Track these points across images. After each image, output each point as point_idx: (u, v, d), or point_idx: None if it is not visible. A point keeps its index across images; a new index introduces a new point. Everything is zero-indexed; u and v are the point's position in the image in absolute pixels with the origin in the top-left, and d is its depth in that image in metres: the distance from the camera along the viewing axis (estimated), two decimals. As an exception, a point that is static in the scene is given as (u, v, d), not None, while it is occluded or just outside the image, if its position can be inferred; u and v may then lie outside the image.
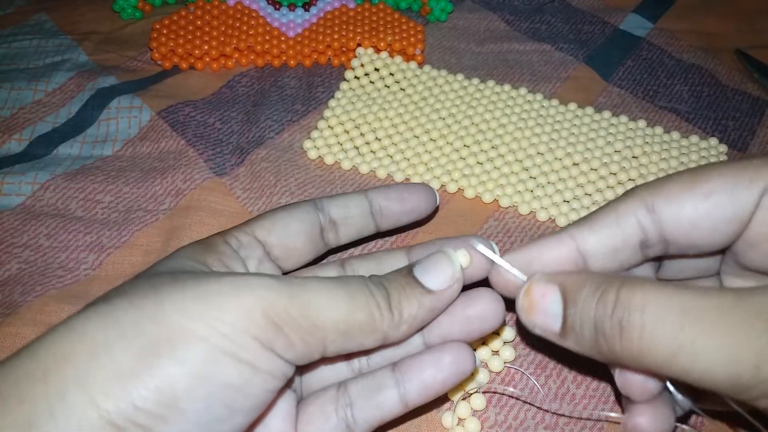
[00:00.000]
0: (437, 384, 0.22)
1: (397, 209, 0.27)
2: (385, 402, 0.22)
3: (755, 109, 0.43)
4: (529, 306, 0.19)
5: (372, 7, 0.47)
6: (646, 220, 0.19)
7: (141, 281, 0.19)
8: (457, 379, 0.22)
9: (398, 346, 0.23)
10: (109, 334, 0.17)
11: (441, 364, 0.22)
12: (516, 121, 0.40)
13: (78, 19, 0.49)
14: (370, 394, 0.22)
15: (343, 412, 0.22)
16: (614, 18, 0.50)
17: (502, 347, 0.28)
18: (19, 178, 0.36)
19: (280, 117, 0.41)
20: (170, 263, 0.21)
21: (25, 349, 0.17)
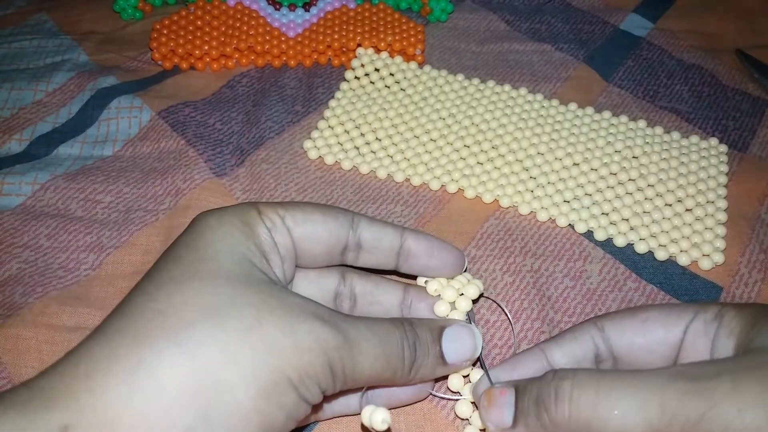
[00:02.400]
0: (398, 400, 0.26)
1: (422, 261, 0.27)
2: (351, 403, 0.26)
3: (755, 109, 0.43)
4: (489, 401, 0.23)
5: (372, 8, 0.47)
6: (598, 338, 0.24)
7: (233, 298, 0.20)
8: (415, 400, 0.27)
9: None
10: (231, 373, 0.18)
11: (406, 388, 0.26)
12: (516, 121, 0.40)
13: (78, 19, 0.49)
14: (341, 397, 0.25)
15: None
16: (614, 18, 0.50)
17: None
18: (19, 179, 0.36)
19: (281, 118, 0.41)
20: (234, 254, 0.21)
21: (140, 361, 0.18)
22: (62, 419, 0.16)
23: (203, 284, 0.20)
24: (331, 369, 0.20)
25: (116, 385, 0.17)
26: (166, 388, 0.18)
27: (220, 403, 0.18)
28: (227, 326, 0.19)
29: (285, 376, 0.19)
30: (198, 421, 0.18)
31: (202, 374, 0.18)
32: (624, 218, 0.35)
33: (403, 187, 0.37)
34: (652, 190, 0.36)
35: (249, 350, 0.19)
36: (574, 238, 0.35)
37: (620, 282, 0.32)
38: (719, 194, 0.36)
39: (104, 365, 0.18)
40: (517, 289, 0.32)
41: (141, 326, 0.19)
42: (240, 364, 0.19)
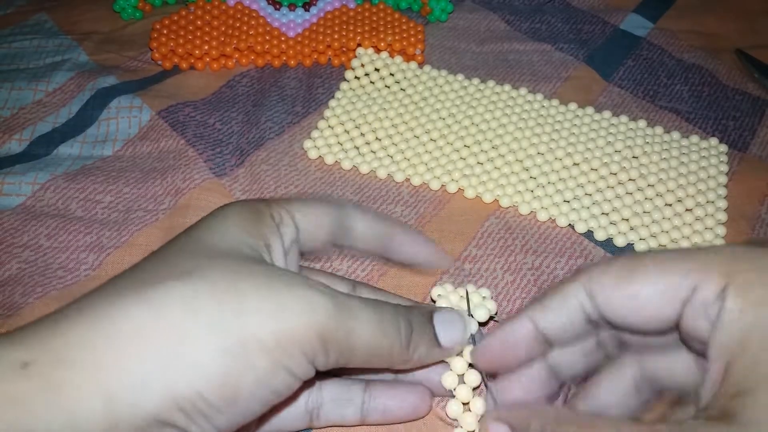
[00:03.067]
0: (394, 416, 0.26)
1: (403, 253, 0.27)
2: (348, 414, 0.25)
3: (755, 108, 0.43)
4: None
5: (372, 7, 0.47)
6: (587, 303, 0.21)
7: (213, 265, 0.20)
8: (411, 418, 0.26)
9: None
10: (193, 326, 0.18)
11: (405, 402, 0.26)
12: (516, 121, 0.40)
13: (78, 19, 0.49)
14: (339, 404, 0.25)
15: (312, 405, 0.25)
16: (614, 18, 0.50)
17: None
18: (19, 178, 0.36)
19: (281, 119, 0.41)
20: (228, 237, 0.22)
21: (105, 311, 0.18)
22: (24, 356, 0.17)
23: (187, 255, 0.20)
24: (321, 337, 0.19)
25: (77, 329, 0.18)
26: (124, 335, 0.18)
27: (178, 354, 0.18)
28: (198, 286, 0.19)
29: (256, 338, 0.18)
30: (152, 369, 0.17)
31: (162, 325, 0.18)
32: (624, 218, 0.35)
33: (403, 187, 0.37)
34: (652, 190, 0.36)
35: (217, 307, 0.18)
36: (575, 237, 0.35)
37: (620, 282, 0.32)
38: (719, 194, 0.36)
39: (73, 314, 0.18)
40: (518, 288, 0.32)
41: (114, 285, 0.19)
42: (205, 319, 0.18)
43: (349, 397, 0.25)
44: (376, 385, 0.26)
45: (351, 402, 0.25)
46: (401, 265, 0.28)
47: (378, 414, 0.25)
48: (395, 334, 0.22)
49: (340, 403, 0.25)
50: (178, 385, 0.18)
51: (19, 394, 0.16)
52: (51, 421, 0.16)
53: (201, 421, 0.18)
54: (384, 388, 0.26)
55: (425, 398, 0.26)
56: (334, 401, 0.25)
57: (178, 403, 0.17)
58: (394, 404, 0.25)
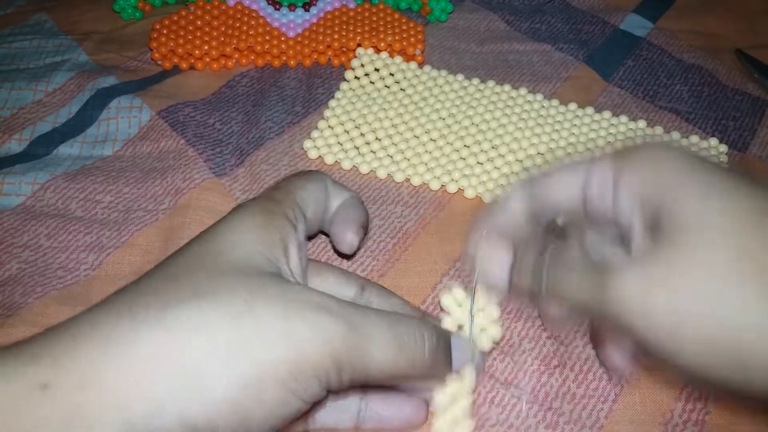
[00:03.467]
0: (390, 426, 0.26)
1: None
2: (342, 420, 0.25)
3: (755, 109, 0.43)
4: None
5: (372, 7, 0.47)
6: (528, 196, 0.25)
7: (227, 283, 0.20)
8: (407, 428, 0.26)
9: None
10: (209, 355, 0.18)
11: (400, 413, 0.25)
12: (516, 121, 0.40)
13: (78, 19, 0.49)
14: (335, 408, 0.25)
15: None
16: (614, 18, 0.50)
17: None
18: (19, 178, 0.36)
19: (281, 118, 0.41)
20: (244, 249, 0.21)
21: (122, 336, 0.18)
22: (43, 377, 0.17)
23: (203, 272, 0.20)
24: (335, 361, 0.19)
25: (95, 351, 0.18)
26: (139, 360, 0.18)
27: (193, 384, 0.18)
28: (212, 309, 0.19)
29: (272, 371, 0.18)
30: (167, 396, 0.17)
31: (179, 352, 0.18)
32: (624, 218, 0.35)
33: (403, 187, 0.37)
34: (652, 190, 0.36)
35: (234, 336, 0.18)
36: (575, 237, 0.35)
37: (620, 282, 0.32)
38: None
39: (87, 331, 0.18)
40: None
41: (127, 300, 0.19)
42: (220, 349, 0.18)
43: (345, 404, 0.25)
44: (374, 393, 0.26)
45: (347, 409, 0.25)
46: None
47: (373, 422, 0.25)
48: (416, 352, 0.21)
49: (337, 408, 0.25)
50: (191, 414, 0.18)
51: (40, 417, 0.16)
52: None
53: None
54: (381, 397, 0.25)
55: (421, 409, 0.26)
56: (330, 406, 0.25)
57: (191, 429, 0.18)
58: (389, 414, 0.25)
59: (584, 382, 0.28)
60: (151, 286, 0.20)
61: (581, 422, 0.27)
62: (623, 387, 0.28)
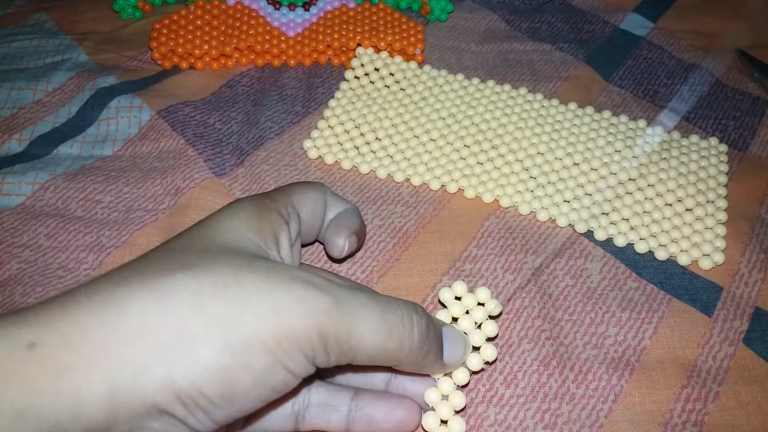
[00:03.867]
0: (380, 428, 0.25)
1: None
2: (333, 420, 0.25)
3: (755, 108, 0.43)
4: None
5: (372, 7, 0.47)
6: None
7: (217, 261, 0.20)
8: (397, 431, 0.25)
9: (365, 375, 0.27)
10: (196, 321, 0.18)
11: (392, 415, 0.25)
12: (516, 120, 0.40)
13: (78, 19, 0.49)
14: (326, 409, 0.25)
15: (298, 407, 0.25)
16: (614, 17, 0.50)
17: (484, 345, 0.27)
18: (19, 178, 0.36)
19: (281, 118, 0.41)
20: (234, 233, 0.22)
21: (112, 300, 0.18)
22: (30, 336, 0.17)
23: (193, 248, 0.21)
24: (321, 336, 0.19)
25: (84, 313, 0.18)
26: (129, 324, 0.18)
27: (180, 348, 0.18)
28: (202, 280, 0.19)
29: (258, 337, 0.19)
30: (155, 359, 0.18)
31: (167, 317, 0.18)
32: (624, 218, 0.35)
33: (403, 187, 0.37)
34: (652, 190, 0.36)
35: (221, 304, 0.19)
36: (575, 237, 0.35)
37: (620, 281, 0.32)
38: (719, 194, 0.36)
39: (81, 298, 0.18)
40: (518, 287, 0.32)
41: (123, 273, 0.20)
42: (208, 315, 0.18)
43: (336, 404, 0.25)
44: (365, 394, 0.25)
45: (337, 409, 0.25)
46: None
47: (363, 424, 0.25)
48: (405, 335, 0.22)
49: (327, 408, 0.25)
50: (178, 378, 0.18)
51: (25, 375, 0.16)
52: (55, 402, 0.17)
53: (199, 414, 0.18)
54: (372, 398, 0.25)
55: (414, 413, 0.25)
56: (320, 406, 0.25)
57: (177, 395, 0.18)
58: (380, 416, 0.25)
59: (584, 382, 0.28)
60: (146, 262, 0.20)
61: (580, 422, 0.27)
62: (623, 387, 0.28)
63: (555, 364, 0.29)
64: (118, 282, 0.19)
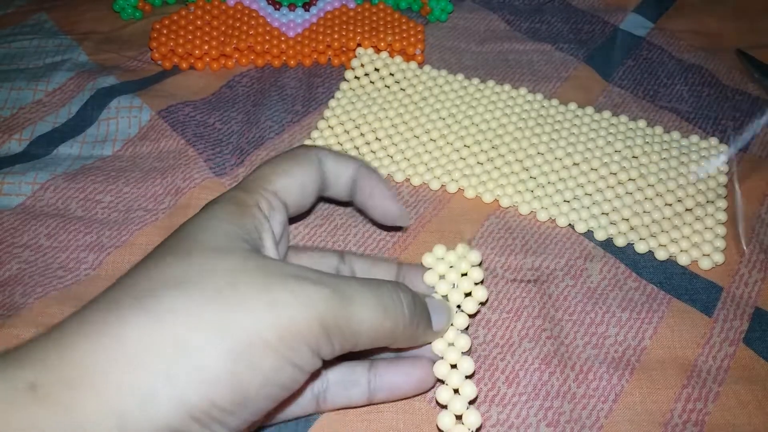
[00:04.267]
0: (401, 392, 0.26)
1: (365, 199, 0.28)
2: (354, 395, 0.26)
3: (755, 109, 0.43)
4: None
5: (372, 7, 0.47)
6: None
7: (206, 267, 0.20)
8: (418, 392, 0.26)
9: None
10: (195, 333, 0.18)
11: (410, 377, 0.26)
12: (516, 121, 0.40)
13: (78, 19, 0.49)
14: (345, 386, 0.25)
15: (317, 389, 0.25)
16: (614, 18, 0.50)
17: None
18: (19, 178, 0.36)
19: (281, 118, 0.41)
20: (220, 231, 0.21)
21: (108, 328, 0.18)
22: (30, 377, 0.17)
23: (176, 259, 0.20)
24: (323, 326, 0.19)
25: (81, 346, 0.18)
26: (128, 349, 0.17)
27: (184, 364, 0.18)
28: (194, 290, 0.19)
29: (260, 336, 0.18)
30: (160, 381, 0.17)
31: (165, 336, 0.18)
32: (624, 218, 0.35)
33: (403, 187, 0.37)
34: (652, 190, 0.36)
35: (217, 311, 0.18)
36: (575, 237, 0.35)
37: (620, 281, 0.32)
38: (719, 194, 0.36)
39: (74, 328, 0.18)
40: (518, 287, 0.32)
41: (111, 296, 0.19)
42: (206, 324, 0.18)
43: (354, 378, 0.25)
44: (380, 363, 0.26)
45: (356, 383, 0.25)
46: (372, 219, 0.29)
47: (385, 392, 0.26)
48: (398, 312, 0.22)
49: (346, 384, 0.25)
50: (187, 395, 0.17)
51: (31, 419, 0.16)
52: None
53: (215, 426, 0.18)
54: (389, 365, 0.26)
55: (429, 370, 0.26)
56: (339, 384, 0.25)
57: (190, 413, 0.17)
58: (399, 379, 0.26)
59: (584, 381, 0.28)
60: (134, 281, 0.20)
61: (581, 422, 0.27)
62: (623, 387, 0.28)
63: (556, 363, 0.29)
64: (109, 307, 0.19)
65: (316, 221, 0.35)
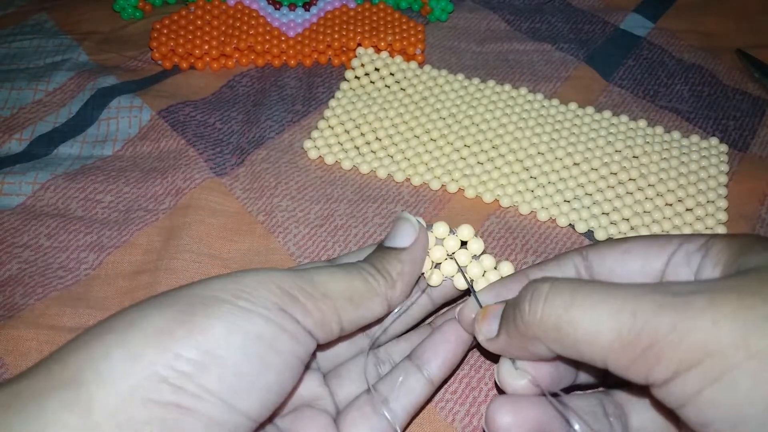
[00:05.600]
0: (453, 357, 0.25)
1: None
2: (415, 386, 0.24)
3: (756, 108, 0.43)
4: (483, 315, 0.23)
5: (372, 7, 0.47)
6: (581, 266, 0.24)
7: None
8: (464, 349, 0.25)
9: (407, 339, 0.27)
10: (144, 307, 0.19)
11: (450, 342, 0.25)
12: (516, 120, 0.40)
13: (78, 19, 0.49)
14: (400, 384, 0.24)
15: (380, 407, 0.24)
16: (614, 17, 0.50)
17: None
18: (19, 178, 0.36)
19: (281, 117, 0.41)
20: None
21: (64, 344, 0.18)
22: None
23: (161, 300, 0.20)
24: (282, 288, 0.20)
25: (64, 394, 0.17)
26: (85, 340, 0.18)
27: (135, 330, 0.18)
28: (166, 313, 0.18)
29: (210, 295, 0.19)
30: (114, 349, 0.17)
31: (116, 321, 0.18)
32: (624, 218, 0.35)
33: (403, 186, 0.37)
34: (653, 190, 0.36)
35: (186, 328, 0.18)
36: (575, 237, 0.35)
37: (621, 281, 0.32)
38: (719, 194, 0.36)
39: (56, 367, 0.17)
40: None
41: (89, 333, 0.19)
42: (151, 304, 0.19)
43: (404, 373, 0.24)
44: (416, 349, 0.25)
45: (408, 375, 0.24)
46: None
47: (438, 368, 0.25)
48: (360, 273, 0.23)
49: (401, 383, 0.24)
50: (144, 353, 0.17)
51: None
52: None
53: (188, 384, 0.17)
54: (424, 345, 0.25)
55: (460, 329, 0.25)
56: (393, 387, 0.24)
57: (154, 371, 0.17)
58: (444, 351, 0.25)
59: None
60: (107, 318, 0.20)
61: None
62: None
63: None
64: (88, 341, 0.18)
65: (317, 221, 0.35)
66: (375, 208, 0.36)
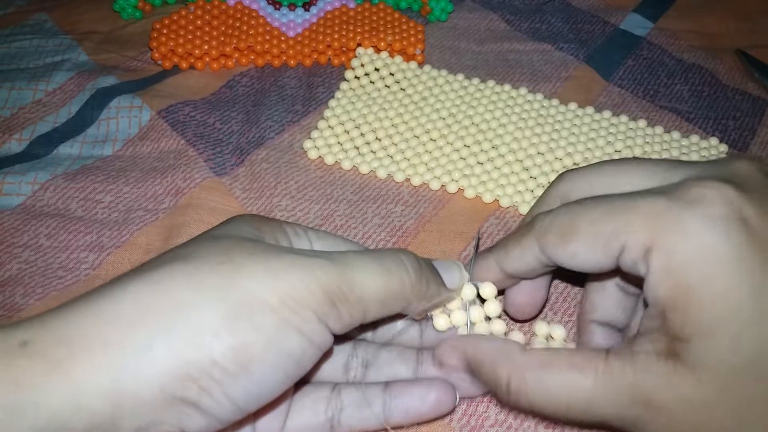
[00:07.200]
0: (418, 415, 0.25)
1: None
2: (369, 418, 0.24)
3: (756, 108, 0.43)
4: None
5: (372, 7, 0.47)
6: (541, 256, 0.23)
7: (212, 245, 0.20)
8: (435, 415, 0.25)
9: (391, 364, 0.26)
10: (194, 295, 0.18)
11: (426, 399, 0.25)
12: (516, 120, 0.40)
13: (78, 19, 0.49)
14: (360, 406, 0.24)
15: (331, 412, 0.24)
16: (614, 17, 0.50)
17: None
18: (19, 178, 0.36)
19: (281, 117, 0.41)
20: (230, 228, 0.22)
21: (106, 293, 0.19)
22: (23, 336, 0.17)
23: (188, 243, 0.21)
24: (325, 291, 0.20)
25: (77, 309, 0.18)
26: (125, 310, 0.18)
27: (183, 322, 0.18)
28: (195, 262, 0.19)
29: (261, 298, 0.19)
30: (157, 338, 0.17)
31: (163, 297, 0.18)
32: (624, 218, 0.35)
33: (403, 187, 0.37)
34: (652, 190, 0.36)
35: (216, 276, 0.19)
36: (575, 237, 0.35)
37: (620, 282, 0.32)
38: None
39: (78, 300, 0.19)
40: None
41: (119, 276, 0.20)
42: (205, 288, 0.18)
43: (369, 399, 0.25)
44: (396, 384, 0.25)
45: (372, 404, 0.25)
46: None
47: (400, 413, 0.24)
48: (402, 271, 0.22)
49: (361, 407, 0.24)
50: (186, 352, 0.17)
51: (16, 370, 0.16)
52: (50, 396, 0.16)
53: (214, 389, 0.18)
54: (404, 386, 0.25)
55: (448, 393, 0.25)
56: (353, 406, 0.25)
57: (187, 371, 0.17)
58: (415, 401, 0.24)
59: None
60: (141, 264, 0.20)
61: (581, 422, 0.27)
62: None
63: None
64: (111, 281, 0.19)
65: (316, 221, 0.35)
66: (375, 208, 0.36)
